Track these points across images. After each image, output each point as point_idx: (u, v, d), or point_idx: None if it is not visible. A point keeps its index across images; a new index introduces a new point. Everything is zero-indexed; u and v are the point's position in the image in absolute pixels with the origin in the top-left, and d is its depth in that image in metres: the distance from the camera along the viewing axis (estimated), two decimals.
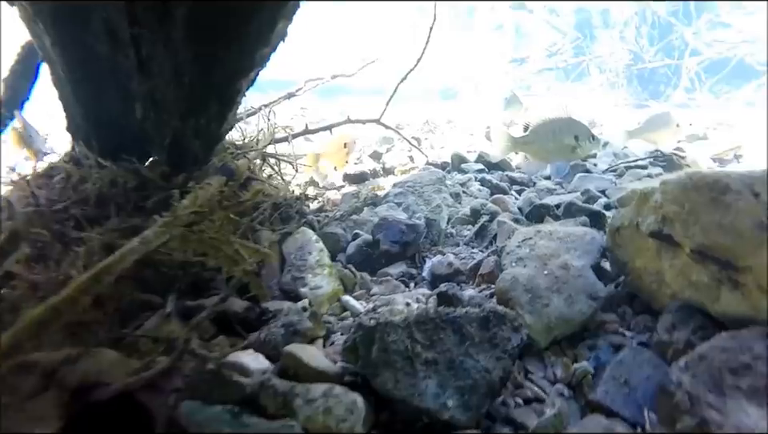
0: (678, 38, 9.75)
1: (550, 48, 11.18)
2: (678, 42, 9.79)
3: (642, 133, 2.95)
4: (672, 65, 9.62)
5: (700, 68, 9.38)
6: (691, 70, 9.21)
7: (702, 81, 9.15)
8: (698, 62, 9.28)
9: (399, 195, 2.80)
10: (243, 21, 1.37)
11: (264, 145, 2.47)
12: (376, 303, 1.80)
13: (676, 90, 9.31)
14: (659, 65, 9.53)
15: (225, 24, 1.38)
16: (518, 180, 3.16)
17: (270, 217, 2.10)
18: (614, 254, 1.59)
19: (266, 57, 1.58)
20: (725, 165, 3.65)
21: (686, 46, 9.65)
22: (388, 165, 3.79)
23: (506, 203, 2.47)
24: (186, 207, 1.32)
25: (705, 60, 9.37)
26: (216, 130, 1.80)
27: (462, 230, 2.38)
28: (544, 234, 1.66)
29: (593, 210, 2.18)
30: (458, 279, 1.94)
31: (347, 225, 2.43)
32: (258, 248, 1.61)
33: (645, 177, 3.06)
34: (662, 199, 1.29)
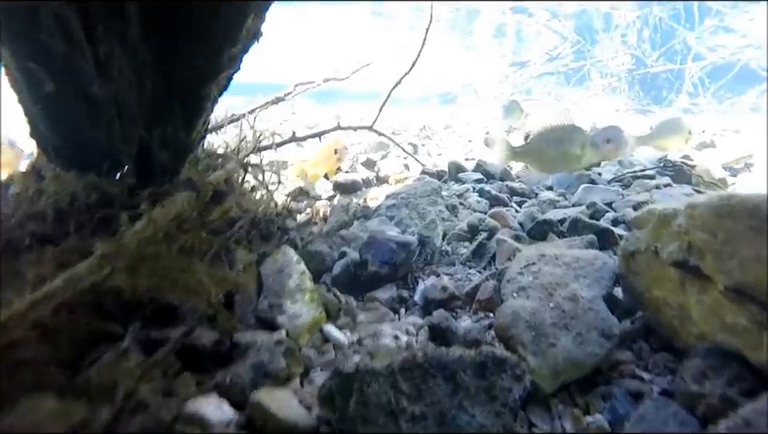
0: (681, 43, 9.59)
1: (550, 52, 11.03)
2: (680, 46, 9.64)
3: (653, 139, 2.77)
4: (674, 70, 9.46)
5: (703, 73, 9.21)
6: (694, 74, 9.05)
7: (705, 86, 8.98)
8: (701, 67, 9.11)
9: (392, 208, 2.62)
10: (205, 17, 1.19)
11: (246, 154, 2.29)
12: (361, 333, 1.62)
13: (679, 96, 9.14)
14: (662, 69, 9.37)
15: (184, 20, 1.20)
16: (518, 191, 2.98)
17: (248, 235, 1.92)
18: (628, 281, 1.41)
19: (237, 58, 1.40)
20: (737, 174, 3.47)
21: (688, 51, 9.50)
22: (382, 173, 3.61)
23: (505, 218, 2.28)
24: (138, 233, 1.14)
25: (708, 65, 9.21)
26: (185, 140, 1.62)
27: (459, 247, 2.20)
28: (549, 258, 1.47)
29: (600, 227, 2.00)
30: (453, 304, 1.76)
31: (334, 241, 2.25)
32: (228, 276, 1.43)
33: (653, 188, 2.87)
34: (688, 225, 1.11)
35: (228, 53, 1.29)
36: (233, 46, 1.28)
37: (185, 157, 1.72)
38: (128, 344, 1.41)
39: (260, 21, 1.33)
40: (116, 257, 1.03)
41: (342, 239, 2.28)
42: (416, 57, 3.02)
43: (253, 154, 2.64)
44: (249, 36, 1.36)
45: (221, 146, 2.60)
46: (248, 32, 1.31)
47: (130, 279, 1.09)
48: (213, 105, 1.63)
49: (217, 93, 1.59)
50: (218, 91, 1.59)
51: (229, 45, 1.27)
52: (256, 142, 2.58)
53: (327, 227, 2.30)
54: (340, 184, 3.28)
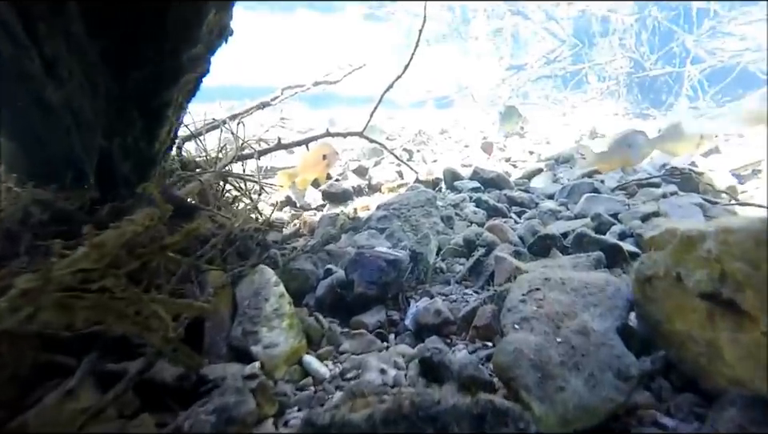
0: (679, 46, 9.47)
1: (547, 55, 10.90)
2: (678, 49, 9.51)
3: (661, 143, 2.61)
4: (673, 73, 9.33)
5: (702, 76, 9.09)
6: (693, 78, 8.92)
7: (705, 89, 8.85)
8: (700, 70, 8.99)
9: (383, 219, 2.46)
10: (155, 13, 1.03)
11: (224, 163, 2.12)
12: (345, 365, 1.45)
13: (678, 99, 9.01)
14: (660, 73, 9.24)
15: (132, 17, 1.03)
16: (517, 200, 2.82)
17: (223, 253, 1.76)
18: (644, 309, 1.25)
19: (200, 60, 1.23)
20: (744, 181, 3.32)
21: (687, 54, 9.37)
22: (374, 181, 3.44)
23: (504, 232, 2.12)
24: (76, 261, 0.97)
25: (707, 68, 9.08)
26: (147, 150, 1.45)
27: (454, 264, 2.04)
28: (554, 283, 1.31)
29: (608, 243, 1.84)
30: (447, 330, 1.59)
31: (320, 258, 2.08)
32: (192, 304, 1.26)
33: (659, 197, 2.72)
34: (721, 251, 0.95)
35: (187, 54, 1.13)
36: (192, 45, 1.12)
37: (150, 169, 1.56)
38: (76, 382, 1.24)
39: (226, 18, 1.17)
40: (40, 294, 0.86)
41: (329, 254, 2.12)
42: (409, 60, 2.86)
43: (236, 162, 2.47)
44: (214, 35, 1.19)
45: (199, 155, 2.44)
46: (211, 30, 1.14)
47: (62, 316, 0.92)
48: (180, 112, 1.46)
49: (183, 99, 1.43)
50: (183, 97, 1.43)
51: (187, 45, 1.11)
52: (238, 150, 2.42)
53: (312, 242, 2.13)
54: (329, 193, 3.11)
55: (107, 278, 1.02)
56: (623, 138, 2.53)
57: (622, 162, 2.59)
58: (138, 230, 1.27)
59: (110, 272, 1.03)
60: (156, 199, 1.49)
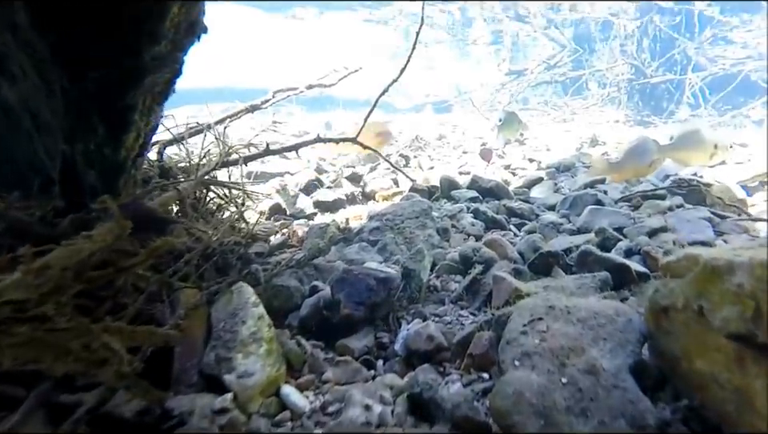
0: (681, 53, 9.38)
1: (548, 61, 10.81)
2: (680, 56, 9.43)
3: (673, 151, 2.48)
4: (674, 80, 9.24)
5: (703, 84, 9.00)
6: (695, 85, 8.83)
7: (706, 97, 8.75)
8: (702, 78, 8.90)
9: (375, 231, 2.32)
10: (106, 5, 0.89)
11: (206, 171, 1.99)
12: (327, 397, 1.32)
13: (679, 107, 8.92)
14: (662, 80, 9.14)
15: (79, 8, 0.90)
16: (517, 211, 2.69)
17: (199, 269, 1.62)
18: (659, 342, 1.12)
19: (167, 59, 1.10)
20: (752, 193, 3.19)
21: (688, 61, 9.28)
22: (369, 188, 3.32)
23: (503, 247, 1.99)
24: (5, 290, 0.84)
25: (708, 76, 8.99)
26: (113, 158, 1.32)
27: (450, 281, 1.90)
28: (559, 312, 1.18)
29: (614, 262, 1.71)
30: (440, 357, 1.46)
31: (306, 273, 1.95)
32: (155, 331, 1.13)
33: (665, 210, 2.59)
34: (755, 288, 0.82)
35: (150, 52, 1.00)
36: (154, 43, 0.99)
37: (117, 177, 1.42)
38: (20, 417, 1.11)
39: (194, 12, 1.04)
40: None
41: (316, 269, 1.99)
42: (405, 64, 2.74)
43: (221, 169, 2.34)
44: (182, 32, 1.06)
45: (181, 160, 2.31)
46: (177, 26, 1.01)
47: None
48: (151, 117, 1.33)
49: (152, 102, 1.29)
50: (154, 101, 1.29)
51: (149, 42, 0.98)
52: (223, 156, 2.29)
53: (299, 255, 2.00)
54: (321, 202, 2.98)
55: (46, 305, 0.88)
56: (636, 147, 2.40)
57: (634, 172, 2.47)
58: (96, 248, 1.13)
59: (51, 299, 0.90)
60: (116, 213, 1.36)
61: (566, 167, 4.19)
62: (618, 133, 7.26)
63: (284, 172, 3.93)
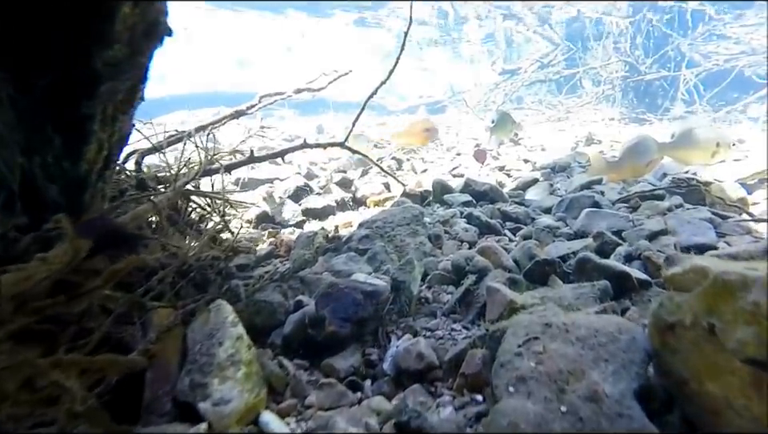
0: (674, 49, 9.33)
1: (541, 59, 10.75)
2: (673, 53, 9.38)
3: (673, 150, 2.39)
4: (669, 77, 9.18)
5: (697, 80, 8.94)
6: (689, 82, 8.77)
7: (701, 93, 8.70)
8: (696, 74, 8.84)
9: (365, 240, 2.24)
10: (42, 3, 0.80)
11: (185, 181, 1.89)
12: (309, 424, 1.23)
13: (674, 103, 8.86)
14: (656, 77, 9.09)
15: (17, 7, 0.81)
16: (511, 215, 2.60)
17: (175, 286, 1.53)
18: (664, 361, 1.03)
19: (123, 64, 1.01)
20: (752, 191, 3.12)
21: (682, 58, 9.23)
22: (360, 194, 3.22)
23: (498, 255, 1.90)
24: None
25: (702, 72, 8.94)
26: (73, 171, 1.23)
27: (442, 292, 1.81)
28: (557, 330, 1.09)
29: (615, 270, 1.62)
30: (431, 376, 1.38)
31: (291, 286, 1.86)
32: (117, 360, 1.04)
33: (665, 210, 2.51)
34: None
35: (102, 57, 0.91)
36: (105, 47, 0.90)
37: (81, 192, 1.33)
38: None
39: (152, 12, 0.95)
40: None
41: (302, 282, 1.89)
42: (393, 65, 2.65)
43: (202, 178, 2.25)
44: (138, 34, 0.97)
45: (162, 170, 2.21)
46: (132, 28, 0.92)
47: None
48: (113, 127, 1.24)
49: (116, 112, 1.20)
50: (118, 110, 1.20)
51: (99, 45, 0.89)
52: (205, 164, 2.19)
53: (283, 268, 1.91)
54: (310, 209, 2.89)
55: None
56: (635, 146, 2.32)
57: (633, 172, 2.39)
58: (49, 272, 1.04)
59: None
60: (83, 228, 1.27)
61: (561, 167, 4.11)
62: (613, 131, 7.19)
63: (273, 178, 3.84)
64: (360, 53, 17.22)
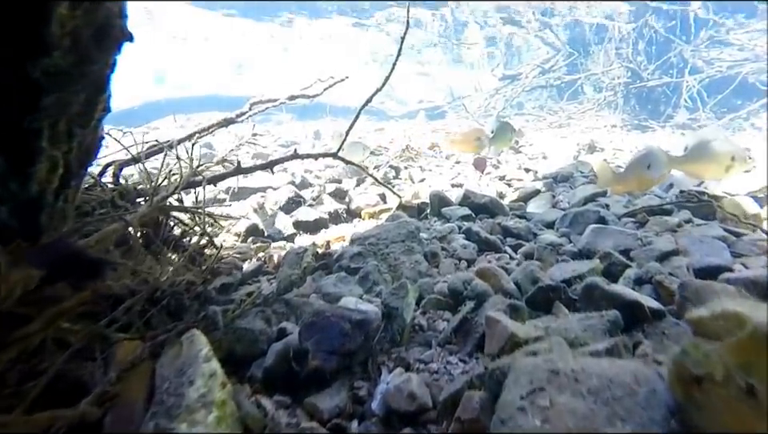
0: (677, 56, 9.22)
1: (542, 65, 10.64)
2: (676, 59, 9.27)
3: (685, 163, 2.26)
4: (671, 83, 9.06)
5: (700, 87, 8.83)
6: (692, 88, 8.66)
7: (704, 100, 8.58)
8: (699, 81, 8.73)
9: (356, 257, 2.11)
10: None
11: (164, 196, 1.77)
12: None
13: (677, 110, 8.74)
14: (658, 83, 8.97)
15: None
16: (512, 230, 2.47)
17: (144, 315, 1.40)
18: (689, 416, 0.90)
19: (70, 73, 0.88)
20: (763, 205, 2.99)
21: (685, 64, 9.12)
22: (354, 205, 3.10)
23: (497, 277, 1.77)
24: None
25: (705, 78, 8.83)
26: (22, 193, 1.10)
27: (437, 319, 1.68)
28: (564, 379, 0.96)
29: (625, 299, 1.49)
30: (424, 418, 1.24)
31: (275, 310, 1.73)
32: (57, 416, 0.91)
33: (674, 227, 2.38)
34: None
35: (38, 65, 0.78)
36: (42, 53, 0.77)
37: (36, 214, 1.20)
38: None
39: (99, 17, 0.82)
40: None
41: (287, 305, 1.76)
42: (389, 72, 2.53)
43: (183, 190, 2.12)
44: (87, 41, 0.84)
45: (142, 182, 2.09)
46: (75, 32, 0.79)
47: None
48: (69, 143, 1.11)
49: (72, 126, 1.07)
50: (72, 124, 1.07)
51: (33, 52, 0.76)
52: (187, 177, 2.07)
53: (267, 290, 1.78)
54: (301, 222, 2.76)
55: None
56: (643, 158, 2.19)
57: (640, 184, 2.26)
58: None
59: None
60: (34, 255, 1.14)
61: (563, 177, 3.99)
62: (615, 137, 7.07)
63: (266, 187, 3.71)
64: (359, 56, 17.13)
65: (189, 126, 11.04)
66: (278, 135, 7.75)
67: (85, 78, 0.93)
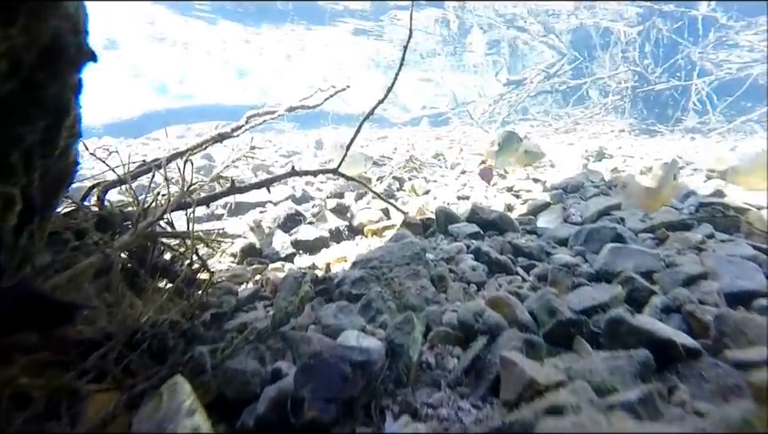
0: (684, 58, 9.06)
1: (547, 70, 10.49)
2: (684, 61, 9.10)
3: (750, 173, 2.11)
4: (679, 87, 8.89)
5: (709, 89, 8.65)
6: (701, 91, 8.48)
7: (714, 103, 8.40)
8: (708, 83, 8.56)
9: (359, 283, 1.97)
10: None
11: (149, 223, 1.63)
12: None
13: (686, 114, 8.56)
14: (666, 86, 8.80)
15: None
16: (524, 249, 2.33)
17: (121, 362, 1.26)
18: None
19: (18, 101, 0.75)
20: None
21: (693, 66, 8.95)
22: (356, 221, 2.96)
23: (511, 307, 1.62)
24: None
25: (714, 81, 8.65)
26: None
27: (446, 355, 1.54)
28: None
29: (656, 336, 1.34)
30: None
31: (270, 346, 1.59)
32: None
33: (698, 244, 2.23)
34: None
35: None
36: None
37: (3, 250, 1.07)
38: None
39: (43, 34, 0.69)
40: None
41: (284, 339, 1.62)
42: (392, 83, 2.40)
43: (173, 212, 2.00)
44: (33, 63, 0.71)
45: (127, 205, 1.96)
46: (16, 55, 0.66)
47: None
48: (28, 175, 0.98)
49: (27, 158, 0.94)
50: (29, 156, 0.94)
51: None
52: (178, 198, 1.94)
53: (262, 325, 1.64)
54: (301, 241, 2.62)
55: None
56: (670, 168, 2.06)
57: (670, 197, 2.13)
58: None
59: None
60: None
61: (573, 187, 3.83)
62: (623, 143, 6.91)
63: (265, 202, 3.59)
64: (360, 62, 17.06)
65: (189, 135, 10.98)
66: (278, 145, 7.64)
67: (37, 104, 0.80)
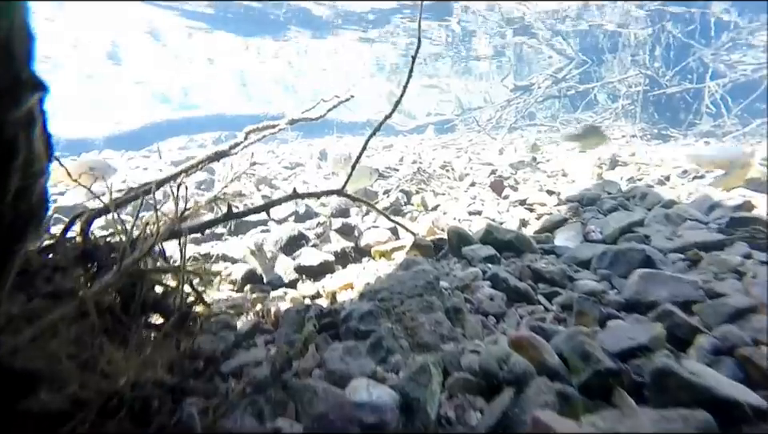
0: (696, 60, 8.85)
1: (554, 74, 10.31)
2: (695, 64, 8.89)
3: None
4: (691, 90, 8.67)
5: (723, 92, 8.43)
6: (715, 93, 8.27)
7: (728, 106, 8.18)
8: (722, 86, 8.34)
9: (367, 318, 1.79)
10: None
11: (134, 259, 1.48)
12: None
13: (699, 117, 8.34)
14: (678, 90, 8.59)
15: None
16: (545, 275, 2.15)
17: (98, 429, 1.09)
18: None
19: None
20: None
21: (705, 69, 8.74)
22: (363, 242, 2.79)
23: (537, 349, 1.44)
24: None
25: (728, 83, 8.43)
26: None
27: (468, 408, 1.36)
28: None
29: (717, 396, 1.16)
30: None
31: (271, 397, 1.42)
32: None
33: (736, 266, 2.05)
34: None
35: None
36: None
37: None
38: None
39: None
40: None
41: (285, 389, 1.45)
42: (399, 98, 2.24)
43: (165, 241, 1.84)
44: None
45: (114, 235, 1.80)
46: None
47: None
48: None
49: None
50: None
51: None
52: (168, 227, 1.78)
53: (261, 373, 1.47)
54: (304, 267, 2.45)
55: None
56: None
57: None
58: None
59: None
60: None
61: (589, 200, 3.65)
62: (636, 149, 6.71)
63: (266, 220, 3.43)
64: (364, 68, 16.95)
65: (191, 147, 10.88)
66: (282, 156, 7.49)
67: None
